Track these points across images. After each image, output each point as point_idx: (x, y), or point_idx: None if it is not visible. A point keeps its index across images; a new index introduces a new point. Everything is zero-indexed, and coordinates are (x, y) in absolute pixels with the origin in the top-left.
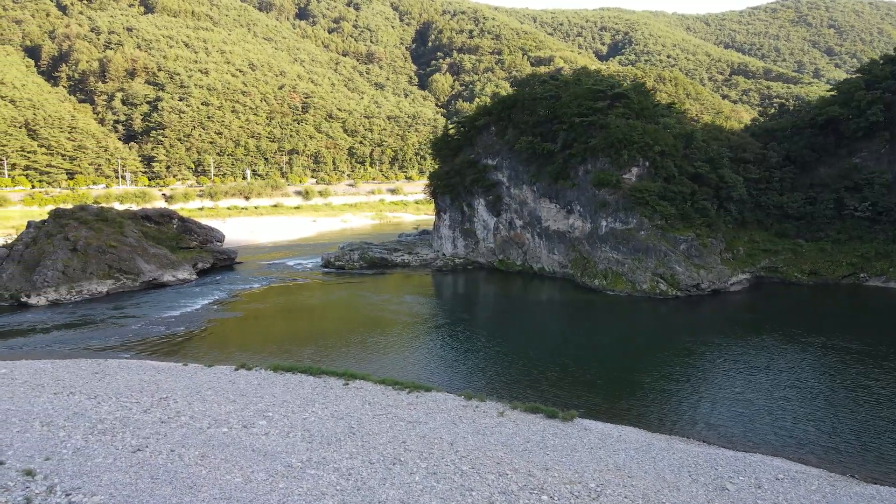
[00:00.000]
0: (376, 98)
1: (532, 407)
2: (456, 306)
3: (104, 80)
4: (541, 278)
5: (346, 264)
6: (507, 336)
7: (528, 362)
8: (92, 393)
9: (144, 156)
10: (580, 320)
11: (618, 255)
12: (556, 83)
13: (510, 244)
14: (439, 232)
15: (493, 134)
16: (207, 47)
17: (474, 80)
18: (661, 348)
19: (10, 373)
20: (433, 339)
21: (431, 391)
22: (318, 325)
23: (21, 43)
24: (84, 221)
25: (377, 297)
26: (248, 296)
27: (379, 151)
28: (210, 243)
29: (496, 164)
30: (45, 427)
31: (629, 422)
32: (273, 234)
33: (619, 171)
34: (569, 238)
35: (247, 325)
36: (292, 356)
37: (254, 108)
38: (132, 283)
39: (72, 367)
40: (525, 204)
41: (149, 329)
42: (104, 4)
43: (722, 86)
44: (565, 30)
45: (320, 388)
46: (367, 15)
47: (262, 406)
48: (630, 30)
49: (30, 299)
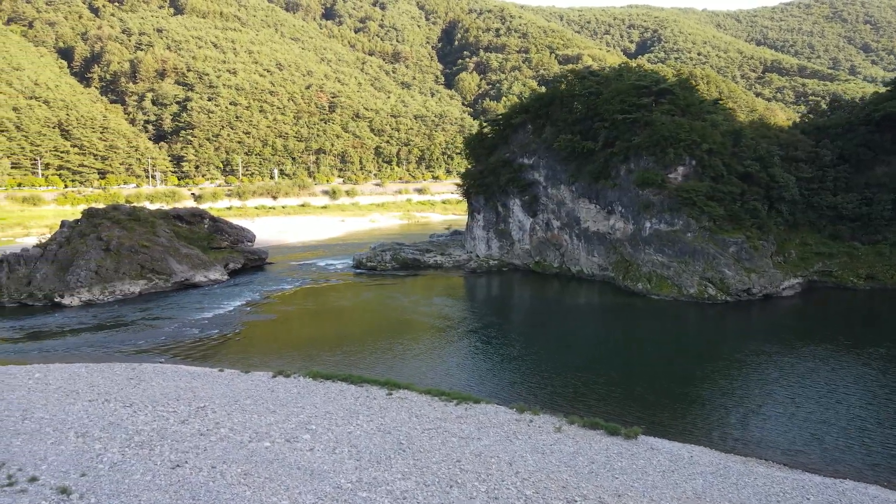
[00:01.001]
0: (403, 97)
1: (591, 422)
2: (492, 310)
3: (135, 80)
4: (579, 281)
5: (378, 265)
6: (548, 342)
7: (572, 371)
8: (127, 400)
9: (174, 155)
10: (624, 326)
11: (663, 258)
12: (597, 79)
13: (547, 246)
14: (472, 232)
15: (529, 132)
16: (235, 48)
17: (501, 78)
18: (714, 357)
19: (45, 377)
20: (471, 345)
21: (480, 403)
22: (352, 328)
23: (55, 45)
24: (117, 221)
25: (410, 299)
26: (281, 297)
27: (406, 151)
28: (241, 243)
29: (532, 164)
30: (80, 438)
31: (696, 440)
32: (302, 233)
33: (664, 170)
34: (609, 240)
35: (281, 328)
36: (329, 361)
37: (281, 107)
38: (164, 284)
39: (106, 372)
40: (563, 204)
41: (182, 331)
42: (135, 6)
43: (755, 83)
44: (593, 27)
45: (363, 399)
46: (393, 14)
47: (304, 418)
48: (659, 27)
49: (63, 300)
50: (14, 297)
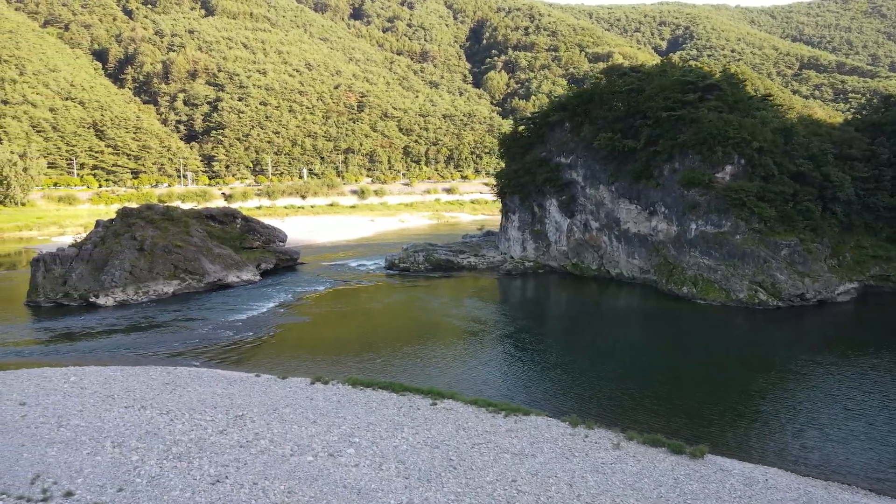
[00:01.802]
0: (431, 97)
1: (652, 439)
2: (529, 313)
3: (167, 81)
4: (618, 284)
5: (411, 266)
6: (589, 349)
7: (617, 381)
8: (164, 408)
9: (205, 155)
10: (669, 332)
11: (709, 261)
12: (638, 75)
13: (585, 247)
14: (507, 233)
15: (567, 130)
16: (265, 48)
17: (530, 77)
18: (768, 367)
19: (80, 381)
20: (509, 351)
21: (530, 415)
22: (387, 331)
23: (90, 47)
24: (150, 221)
25: (445, 301)
26: (314, 299)
27: (434, 150)
28: (273, 243)
29: (570, 163)
30: (116, 448)
31: (768, 461)
32: (332, 233)
33: (711, 169)
34: (651, 241)
35: (315, 330)
36: (366, 367)
37: (310, 107)
38: (197, 284)
39: (142, 376)
40: (602, 205)
41: (217, 334)
42: (167, 8)
43: (791, 80)
44: (622, 25)
45: (406, 409)
46: (421, 14)
47: (347, 429)
48: (691, 24)
49: (98, 300)
50: (50, 296)
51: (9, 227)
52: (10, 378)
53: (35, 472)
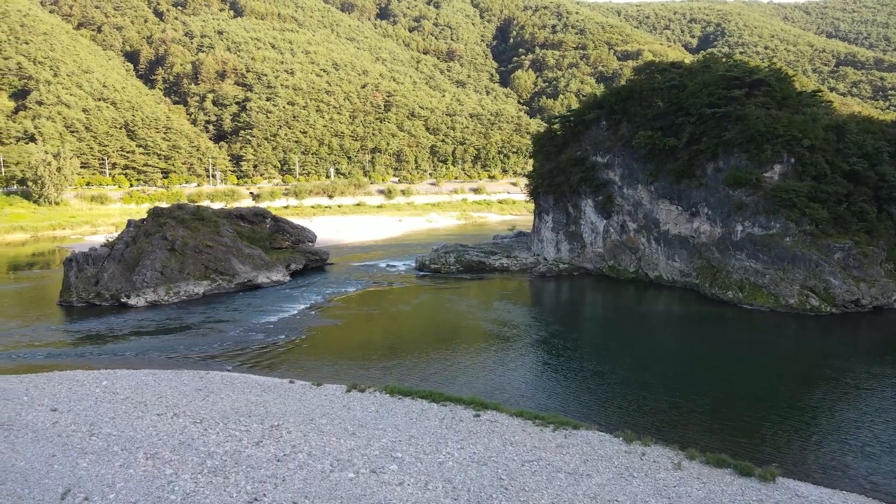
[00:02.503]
0: (458, 96)
1: (716, 459)
2: (566, 318)
3: (196, 82)
4: (657, 287)
5: (442, 267)
6: (631, 356)
7: (664, 392)
8: (197, 416)
9: (233, 155)
10: (714, 339)
11: (757, 265)
12: (680, 71)
13: (622, 249)
14: (540, 234)
15: (604, 129)
16: (293, 48)
17: (558, 76)
18: (825, 379)
19: (112, 385)
20: (548, 358)
21: (580, 429)
22: (422, 335)
23: (121, 48)
24: (181, 220)
25: (478, 304)
26: (345, 300)
27: (461, 150)
28: (302, 243)
29: (607, 162)
30: (149, 461)
31: (845, 486)
32: (360, 233)
33: (758, 168)
34: (692, 243)
35: (348, 334)
36: (402, 373)
37: (337, 107)
38: (227, 285)
39: (174, 381)
40: (640, 205)
41: (248, 336)
42: (197, 9)
43: (828, 78)
44: (652, 23)
45: (448, 420)
46: (447, 13)
47: (388, 442)
48: (722, 21)
49: (129, 300)
50: (82, 296)
51: (43, 226)
52: (42, 381)
53: (66, 485)
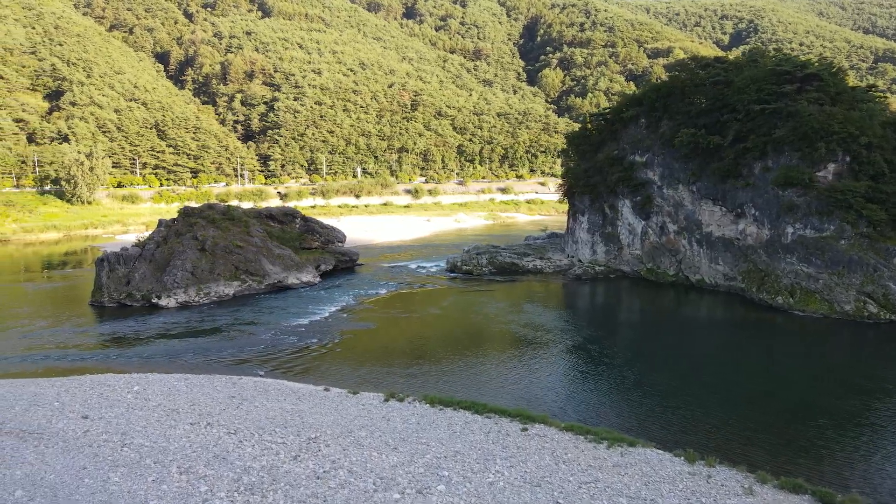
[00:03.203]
0: (485, 95)
1: (792, 484)
2: (605, 323)
3: (225, 82)
4: (699, 291)
5: (474, 269)
6: (676, 366)
7: (717, 406)
8: (231, 426)
9: (261, 154)
10: (764, 348)
11: (809, 269)
12: (724, 66)
13: (661, 251)
14: (574, 235)
15: (642, 127)
16: (320, 48)
17: (586, 74)
18: (891, 394)
19: (144, 391)
20: (590, 366)
21: (636, 446)
22: (456, 340)
23: (152, 49)
24: (212, 220)
25: (514, 308)
26: (377, 303)
27: (489, 149)
28: (331, 244)
29: (646, 161)
30: (183, 476)
31: None
32: (388, 233)
33: (811, 167)
34: (737, 246)
35: (381, 338)
36: (438, 379)
37: (364, 106)
38: (257, 286)
39: (206, 387)
40: (681, 206)
41: (280, 340)
42: (226, 10)
43: (866, 74)
44: (682, 20)
45: (494, 435)
46: (473, 11)
47: (432, 459)
48: (755, 17)
49: (160, 301)
50: (114, 297)
51: (76, 226)
52: (73, 386)
53: (96, 502)
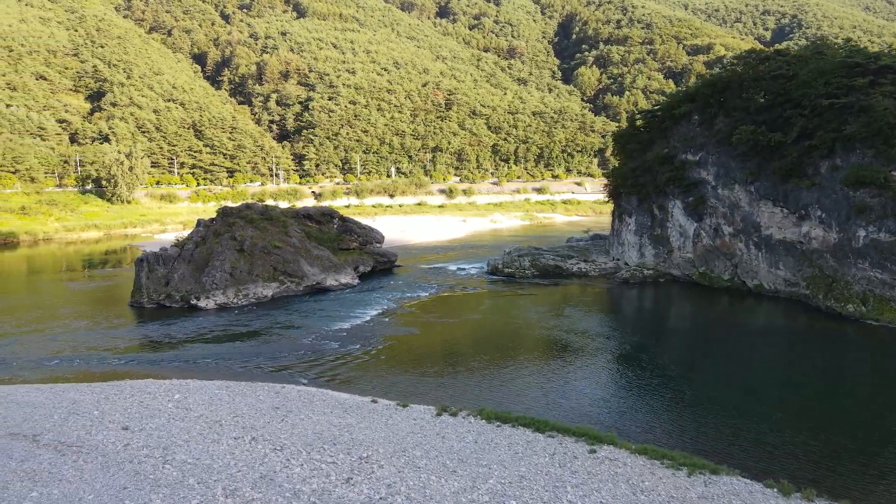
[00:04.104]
0: (520, 94)
1: None
2: (658, 331)
3: (261, 82)
4: (756, 297)
5: (516, 272)
6: (739, 380)
7: (797, 428)
8: (277, 441)
9: (296, 154)
10: (837, 361)
11: (884, 275)
12: (786, 59)
13: (715, 254)
14: (620, 237)
15: (695, 124)
16: (354, 48)
17: (623, 72)
18: None
19: (185, 400)
20: (648, 378)
21: (721, 474)
22: (505, 347)
23: (190, 51)
24: (250, 220)
25: (561, 313)
26: (419, 306)
27: (524, 149)
28: (370, 244)
29: (699, 160)
30: (229, 499)
31: None
32: (424, 234)
33: (886, 166)
34: (801, 250)
35: (427, 344)
36: (490, 391)
37: (398, 105)
38: (296, 287)
39: (249, 396)
40: (737, 207)
41: (321, 345)
42: (261, 11)
43: None
44: (721, 16)
45: (560, 457)
46: (507, 10)
47: (496, 485)
48: (798, 12)
49: (199, 302)
50: (153, 297)
51: (115, 224)
52: (113, 393)
53: None
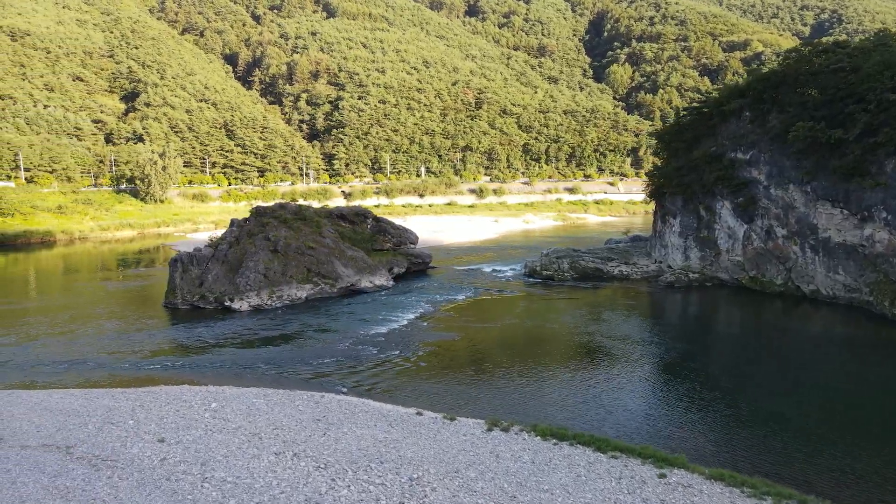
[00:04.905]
0: (551, 92)
1: None
2: (713, 339)
3: (291, 82)
4: (813, 303)
5: (555, 274)
6: (801, 396)
7: (872, 450)
8: (320, 458)
9: (326, 153)
10: None
11: None
12: (846, 51)
13: (767, 258)
14: (663, 239)
15: (746, 121)
16: (384, 47)
17: (657, 70)
18: None
19: (222, 409)
20: (707, 392)
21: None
22: (551, 355)
23: (221, 51)
24: (283, 220)
25: (604, 318)
26: (456, 310)
27: (555, 148)
28: (404, 245)
29: (749, 159)
30: None
31: None
32: (456, 234)
33: None
34: (863, 254)
35: (468, 351)
36: (540, 403)
37: (428, 104)
38: (330, 289)
39: (288, 406)
40: (792, 208)
41: (359, 350)
42: (291, 12)
43: None
44: (758, 11)
45: (627, 482)
46: (537, 7)
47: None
48: (838, 7)
49: (233, 303)
50: (187, 298)
51: (149, 224)
52: (148, 400)
53: None
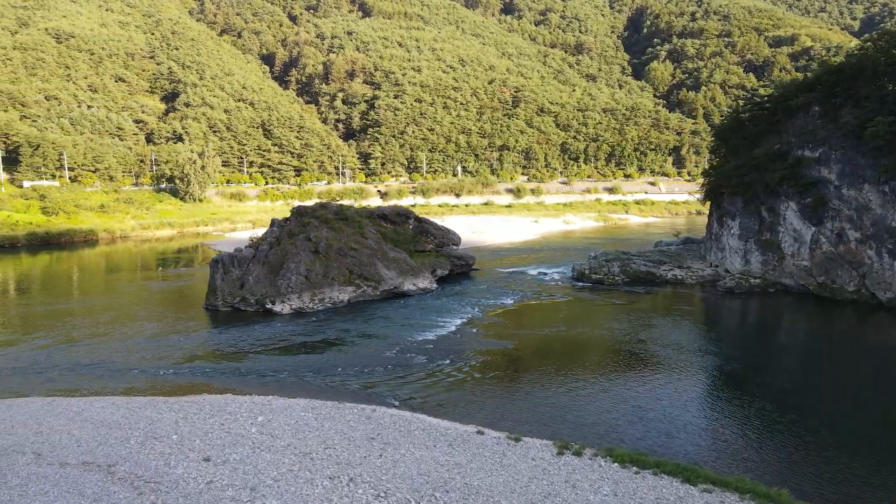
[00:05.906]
0: (589, 90)
1: None
2: (775, 350)
3: (327, 81)
4: (890, 312)
5: (605, 278)
6: (886, 416)
7: None
8: (379, 484)
9: (362, 153)
10: None
11: None
12: None
13: (837, 263)
14: (720, 242)
15: (814, 116)
16: (419, 46)
17: (699, 66)
18: None
19: (269, 423)
20: (776, 411)
21: None
22: (612, 365)
23: (258, 52)
24: (325, 220)
25: (662, 325)
26: (505, 315)
27: (594, 147)
28: (446, 246)
29: (819, 157)
30: None
31: None
32: (496, 235)
33: None
34: None
35: (523, 360)
36: (605, 421)
37: (464, 103)
38: (372, 292)
39: (338, 421)
40: (866, 209)
41: (407, 359)
42: (327, 12)
43: None
44: (804, 5)
45: None
46: (574, 4)
47: None
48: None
49: (274, 306)
50: (227, 300)
51: (188, 223)
52: (192, 412)
53: None
